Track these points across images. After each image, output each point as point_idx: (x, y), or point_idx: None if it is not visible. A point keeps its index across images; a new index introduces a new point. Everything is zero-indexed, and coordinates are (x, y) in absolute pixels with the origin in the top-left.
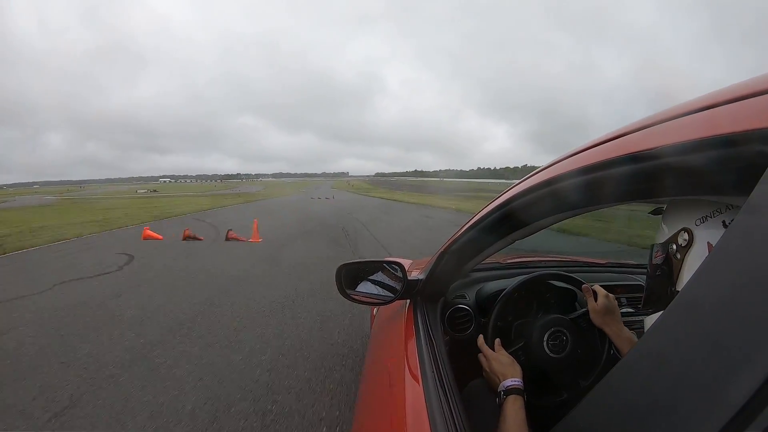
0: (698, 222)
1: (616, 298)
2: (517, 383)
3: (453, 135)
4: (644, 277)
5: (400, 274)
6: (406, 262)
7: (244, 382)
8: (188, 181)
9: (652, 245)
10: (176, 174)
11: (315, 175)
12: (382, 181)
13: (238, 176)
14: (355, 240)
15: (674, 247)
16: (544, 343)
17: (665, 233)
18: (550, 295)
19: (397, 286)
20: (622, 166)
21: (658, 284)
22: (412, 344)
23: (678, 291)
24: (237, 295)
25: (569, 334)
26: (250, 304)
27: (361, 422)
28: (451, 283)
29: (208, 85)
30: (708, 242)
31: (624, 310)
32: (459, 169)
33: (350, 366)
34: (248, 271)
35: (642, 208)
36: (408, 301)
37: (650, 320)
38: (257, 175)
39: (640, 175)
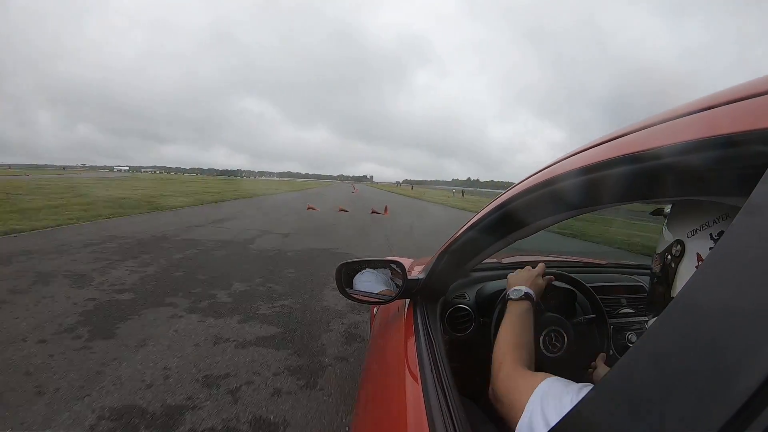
0: (689, 234)
1: (616, 299)
2: (533, 295)
3: (485, 144)
4: (644, 277)
5: (400, 273)
6: (406, 262)
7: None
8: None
9: (654, 253)
10: (170, 166)
11: (330, 177)
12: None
13: (238, 172)
14: None
15: (669, 257)
16: (540, 340)
17: (664, 242)
18: (550, 294)
19: (397, 285)
20: (623, 166)
21: (656, 291)
22: (412, 344)
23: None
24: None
25: (567, 336)
26: None
27: (360, 421)
28: (451, 282)
29: (198, 55)
30: (697, 253)
31: (624, 310)
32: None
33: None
34: None
35: (642, 209)
36: (408, 300)
37: (652, 322)
38: (260, 173)
39: (640, 176)
